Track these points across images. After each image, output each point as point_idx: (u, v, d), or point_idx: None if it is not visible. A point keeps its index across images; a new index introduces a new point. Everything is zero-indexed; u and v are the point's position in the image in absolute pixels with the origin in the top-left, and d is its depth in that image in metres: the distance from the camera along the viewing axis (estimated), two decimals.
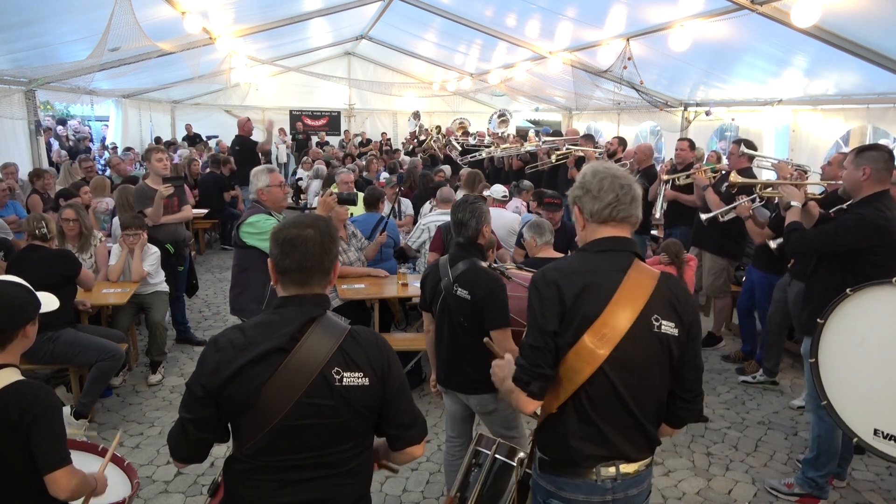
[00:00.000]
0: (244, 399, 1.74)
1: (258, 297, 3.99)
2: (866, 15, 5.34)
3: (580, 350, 1.88)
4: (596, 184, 1.99)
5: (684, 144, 6.82)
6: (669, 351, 1.95)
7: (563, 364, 1.91)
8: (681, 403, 2.04)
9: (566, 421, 1.95)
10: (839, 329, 3.03)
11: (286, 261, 1.81)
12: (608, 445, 1.95)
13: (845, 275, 3.40)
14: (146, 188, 5.71)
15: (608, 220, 1.99)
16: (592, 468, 1.95)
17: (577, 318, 1.89)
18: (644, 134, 12.77)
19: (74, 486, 2.15)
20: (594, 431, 1.94)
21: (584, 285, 1.90)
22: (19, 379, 2.14)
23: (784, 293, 5.05)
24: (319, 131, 18.35)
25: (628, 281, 1.92)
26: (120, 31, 6.68)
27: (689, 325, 1.98)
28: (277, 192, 4.06)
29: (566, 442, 1.95)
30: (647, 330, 1.91)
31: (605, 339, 1.87)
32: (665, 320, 1.93)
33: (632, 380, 1.92)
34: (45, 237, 4.44)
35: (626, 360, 1.90)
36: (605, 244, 2.00)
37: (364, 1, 10.67)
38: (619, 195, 1.97)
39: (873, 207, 3.33)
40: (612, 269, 1.95)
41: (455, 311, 3.07)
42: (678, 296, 1.98)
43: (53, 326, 4.25)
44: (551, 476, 2.03)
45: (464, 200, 3.20)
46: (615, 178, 1.99)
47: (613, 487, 1.96)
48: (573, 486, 1.97)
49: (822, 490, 3.69)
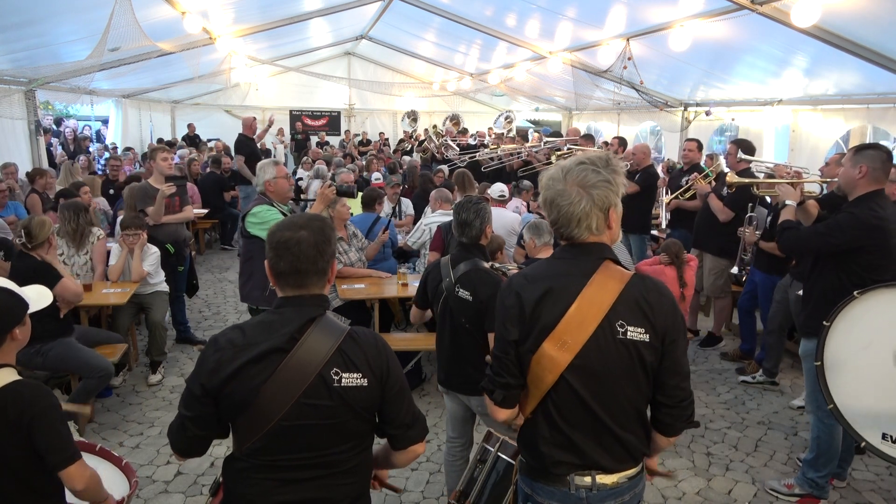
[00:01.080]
0: (243, 398, 1.74)
1: (262, 285, 4.13)
2: (866, 15, 5.34)
3: (541, 358, 1.85)
4: (545, 207, 1.92)
5: (692, 145, 6.79)
6: (640, 357, 1.84)
7: (529, 372, 1.90)
8: (665, 410, 1.93)
9: (537, 426, 1.95)
10: (846, 332, 2.99)
11: (280, 263, 1.81)
12: (579, 454, 1.90)
13: (840, 275, 3.40)
14: (148, 187, 5.72)
15: (564, 237, 1.92)
16: (566, 476, 1.91)
17: (536, 326, 1.85)
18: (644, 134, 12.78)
19: (89, 479, 2.17)
20: (563, 438, 1.91)
21: (544, 292, 1.85)
22: (16, 379, 2.13)
23: (785, 294, 5.06)
24: (319, 131, 18.35)
25: (591, 286, 1.84)
26: (120, 31, 6.68)
27: (664, 330, 1.85)
28: (283, 184, 4.26)
29: (537, 447, 1.95)
30: (610, 336, 1.82)
31: (566, 346, 1.82)
32: (632, 326, 1.83)
33: (597, 387, 1.85)
34: (25, 246, 4.28)
35: (590, 367, 1.83)
36: (573, 250, 1.91)
37: (364, 1, 10.67)
38: (564, 213, 1.86)
39: (866, 207, 3.32)
40: (575, 273, 1.87)
41: (457, 312, 3.07)
42: (650, 300, 1.85)
43: (43, 339, 4.14)
44: (528, 480, 2.03)
45: (467, 200, 3.18)
46: (556, 198, 1.87)
47: (588, 497, 1.91)
48: (547, 492, 1.96)
49: (822, 490, 3.69)
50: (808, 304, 3.63)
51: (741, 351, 5.87)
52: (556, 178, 1.90)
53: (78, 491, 2.17)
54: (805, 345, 3.65)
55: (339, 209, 5.40)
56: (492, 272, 3.07)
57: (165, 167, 5.77)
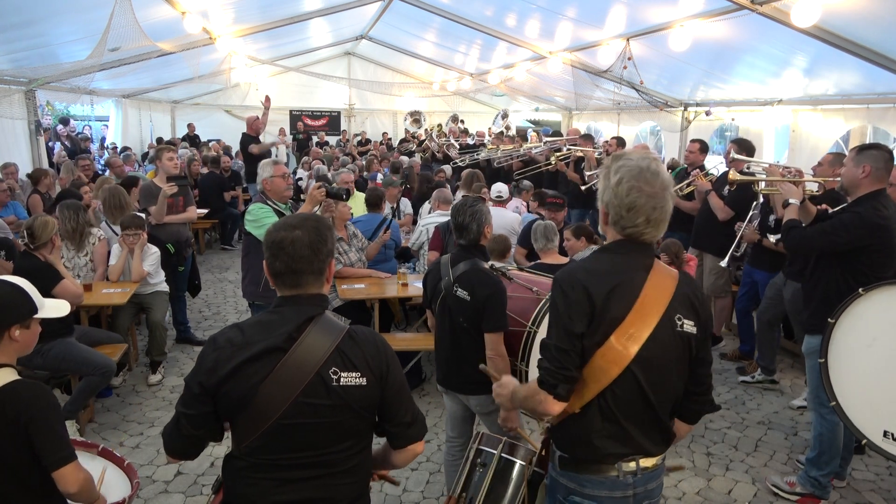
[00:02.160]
0: (241, 397, 1.75)
1: (256, 281, 4.26)
2: (866, 15, 5.34)
3: (607, 351, 1.89)
4: (628, 201, 1.89)
5: (695, 146, 6.69)
6: (689, 349, 1.98)
7: (589, 365, 1.91)
8: (694, 398, 2.08)
9: (590, 420, 1.96)
10: (850, 329, 3.00)
11: (276, 263, 1.82)
12: (630, 442, 1.97)
13: (844, 273, 3.41)
14: (152, 186, 5.73)
15: (631, 237, 1.95)
16: (614, 465, 1.97)
17: (605, 320, 1.88)
18: (644, 134, 12.78)
19: (82, 481, 2.16)
20: (617, 429, 1.95)
21: (613, 286, 1.90)
22: (16, 379, 2.13)
23: (778, 292, 5.06)
24: (319, 131, 18.35)
25: (651, 280, 1.93)
26: (120, 31, 6.67)
27: (706, 324, 2.02)
28: (280, 183, 4.31)
29: (589, 441, 1.97)
30: (670, 329, 1.93)
31: (632, 339, 1.88)
32: (686, 319, 1.96)
33: (655, 378, 1.94)
34: (28, 246, 4.30)
35: (652, 359, 1.91)
36: (628, 245, 1.97)
37: (364, 1, 10.67)
38: (650, 218, 1.90)
39: (870, 206, 3.34)
40: (636, 268, 1.95)
41: (455, 311, 3.07)
42: (697, 295, 2.02)
43: (44, 339, 4.10)
44: (572, 473, 2.03)
45: (463, 203, 3.19)
46: (649, 199, 1.88)
47: (634, 482, 1.99)
48: (595, 482, 1.99)
49: (823, 490, 3.69)
50: (811, 302, 3.63)
51: (741, 351, 5.87)
52: (643, 174, 1.89)
53: (71, 493, 2.16)
54: (809, 341, 3.65)
55: (339, 209, 5.39)
56: (490, 272, 3.07)
57: (171, 167, 5.76)
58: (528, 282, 3.30)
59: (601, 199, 2.00)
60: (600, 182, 2.02)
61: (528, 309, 3.11)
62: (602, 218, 2.03)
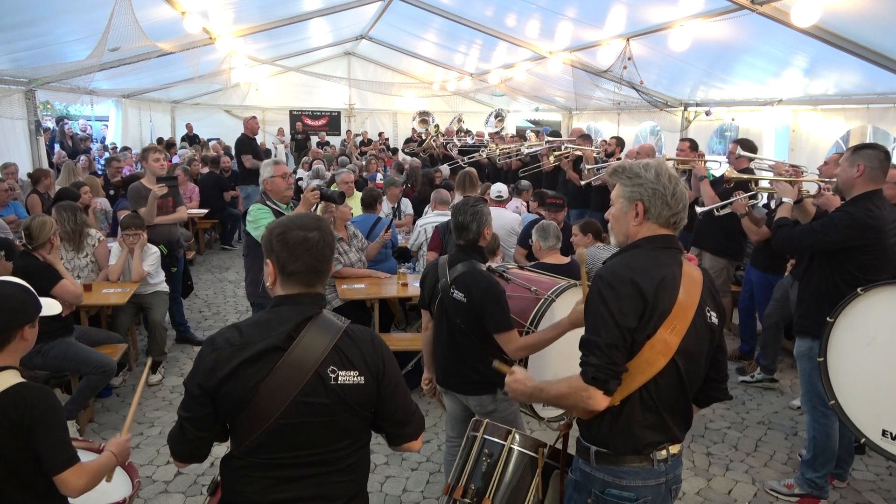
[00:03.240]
0: (240, 397, 1.75)
1: (255, 280, 4.32)
2: (866, 15, 5.34)
3: (656, 342, 1.94)
4: (671, 188, 2.04)
5: (685, 145, 6.74)
6: (713, 338, 2.09)
7: (637, 357, 1.94)
8: (714, 385, 2.20)
9: (630, 412, 2.00)
10: (849, 328, 3.00)
11: (296, 263, 1.81)
12: (666, 430, 2.05)
13: (833, 274, 3.40)
14: (141, 188, 5.68)
15: (670, 225, 2.06)
16: (650, 454, 2.03)
17: (656, 312, 1.94)
18: (644, 134, 12.78)
19: (84, 484, 2.16)
20: (656, 419, 2.02)
21: (660, 280, 1.96)
22: (19, 381, 2.13)
23: (785, 293, 5.06)
24: (319, 131, 18.35)
25: (686, 274, 2.03)
26: (120, 31, 6.67)
27: (722, 313, 2.14)
28: (279, 183, 4.33)
29: (630, 431, 2.00)
30: (703, 320, 2.03)
31: (676, 330, 1.95)
32: (712, 311, 2.08)
33: (691, 367, 2.03)
34: (26, 246, 4.29)
35: (689, 349, 1.99)
36: (662, 241, 2.06)
37: (364, 1, 10.67)
38: (685, 204, 2.07)
39: (862, 206, 3.32)
40: (672, 263, 2.04)
41: (452, 313, 3.06)
42: (715, 287, 2.15)
43: (44, 339, 4.08)
44: (610, 467, 2.05)
45: (464, 203, 3.16)
46: (684, 188, 2.08)
47: (666, 469, 2.05)
48: (632, 472, 2.02)
49: (821, 490, 3.69)
50: (802, 303, 3.63)
51: (741, 351, 5.87)
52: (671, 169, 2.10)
53: (72, 497, 2.17)
54: (799, 344, 3.65)
55: (340, 209, 5.39)
56: (486, 273, 3.05)
57: (157, 168, 5.73)
58: (528, 281, 3.28)
59: (629, 198, 2.06)
60: (625, 184, 2.08)
61: (527, 309, 3.09)
62: (632, 218, 2.06)
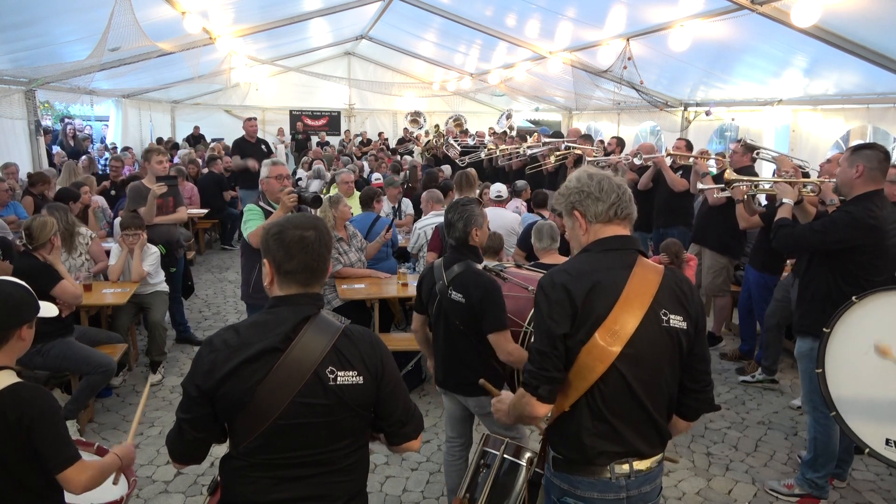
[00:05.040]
0: (239, 398, 1.75)
1: (247, 280, 4.47)
2: (866, 15, 5.34)
3: (592, 348, 1.90)
4: (595, 185, 2.03)
5: (681, 144, 6.79)
6: (679, 344, 1.98)
7: (575, 363, 1.92)
8: (692, 395, 2.07)
9: (579, 419, 1.96)
10: (846, 337, 2.94)
11: (293, 262, 1.81)
12: (622, 442, 1.97)
13: (833, 274, 3.39)
14: (141, 187, 5.67)
15: (612, 219, 2.02)
16: (606, 466, 1.97)
17: (588, 318, 1.90)
18: (644, 134, 12.78)
19: (87, 480, 2.16)
20: (607, 428, 1.95)
21: (593, 284, 1.92)
22: (16, 381, 2.13)
23: (786, 293, 5.05)
24: (319, 131, 18.35)
25: (634, 277, 1.95)
26: (120, 31, 6.68)
27: (696, 318, 2.02)
28: (273, 184, 4.38)
29: (580, 439, 1.97)
30: (656, 325, 1.94)
31: (617, 336, 1.89)
32: (673, 314, 1.97)
33: (644, 375, 1.94)
34: (26, 246, 4.29)
35: (638, 355, 1.92)
36: (609, 243, 2.02)
37: (364, 1, 10.67)
38: (619, 194, 2.02)
39: (863, 206, 3.31)
40: (618, 266, 1.97)
41: (450, 314, 3.07)
42: (683, 289, 2.02)
43: (44, 339, 4.12)
44: (565, 475, 2.03)
45: (457, 202, 3.20)
46: (610, 180, 2.04)
47: (627, 485, 1.98)
48: (587, 483, 1.99)
49: (821, 490, 3.69)
50: (803, 302, 3.62)
51: (741, 351, 5.87)
52: (594, 170, 2.11)
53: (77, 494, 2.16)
54: (800, 344, 3.64)
55: (340, 209, 5.40)
56: (484, 273, 3.06)
57: (160, 170, 5.72)
58: (525, 280, 3.28)
59: (568, 211, 2.09)
60: (561, 203, 2.12)
61: (524, 308, 3.10)
62: (579, 227, 2.07)
